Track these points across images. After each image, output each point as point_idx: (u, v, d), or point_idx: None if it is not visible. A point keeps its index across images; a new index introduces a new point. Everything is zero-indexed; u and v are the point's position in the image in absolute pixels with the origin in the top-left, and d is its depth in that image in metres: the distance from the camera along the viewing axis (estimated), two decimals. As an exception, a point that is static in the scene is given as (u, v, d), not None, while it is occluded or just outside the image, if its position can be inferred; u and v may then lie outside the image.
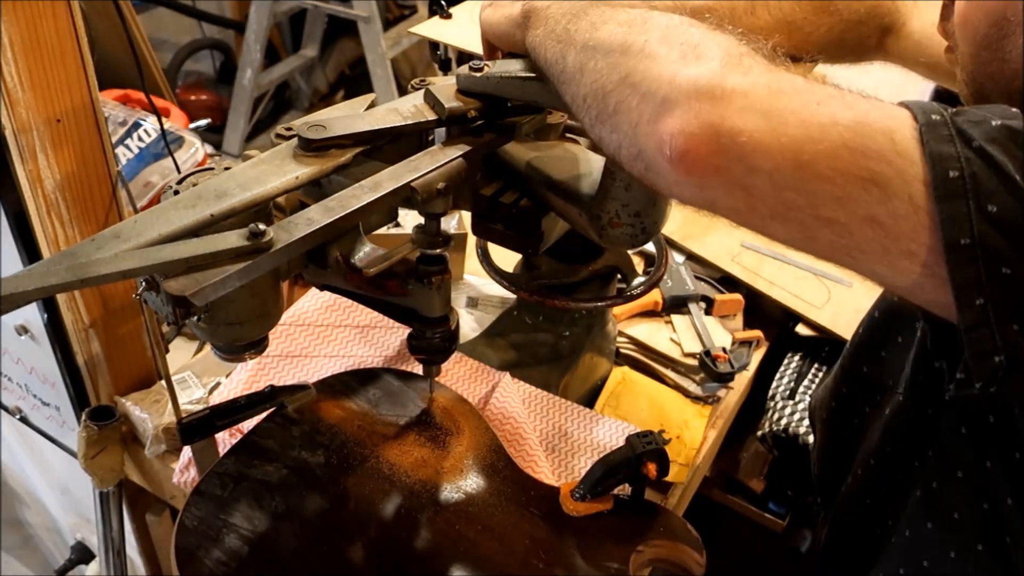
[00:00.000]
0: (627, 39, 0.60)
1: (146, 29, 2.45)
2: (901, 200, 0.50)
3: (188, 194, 0.69)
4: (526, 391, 1.08)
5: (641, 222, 0.82)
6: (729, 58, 0.55)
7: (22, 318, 1.08)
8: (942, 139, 0.51)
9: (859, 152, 0.50)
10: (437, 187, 0.74)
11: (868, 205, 0.51)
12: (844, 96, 0.54)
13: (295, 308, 1.12)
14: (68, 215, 0.96)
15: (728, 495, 1.42)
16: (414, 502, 0.85)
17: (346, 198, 0.72)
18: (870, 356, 0.87)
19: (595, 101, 0.62)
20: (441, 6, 1.99)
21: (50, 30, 0.86)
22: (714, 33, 0.59)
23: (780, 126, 0.52)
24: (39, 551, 1.80)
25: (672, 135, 0.54)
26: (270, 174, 0.73)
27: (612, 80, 0.60)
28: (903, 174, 0.50)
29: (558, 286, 1.07)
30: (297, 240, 0.68)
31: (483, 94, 0.81)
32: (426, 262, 0.79)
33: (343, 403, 0.95)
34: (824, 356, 1.33)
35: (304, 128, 0.76)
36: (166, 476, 1.10)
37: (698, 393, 1.20)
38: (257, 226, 0.65)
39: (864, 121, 0.51)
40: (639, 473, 0.85)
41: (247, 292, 0.72)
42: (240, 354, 0.77)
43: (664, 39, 0.58)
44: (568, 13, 0.70)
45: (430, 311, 0.82)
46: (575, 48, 0.66)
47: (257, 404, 0.90)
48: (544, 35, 0.72)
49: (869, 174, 0.50)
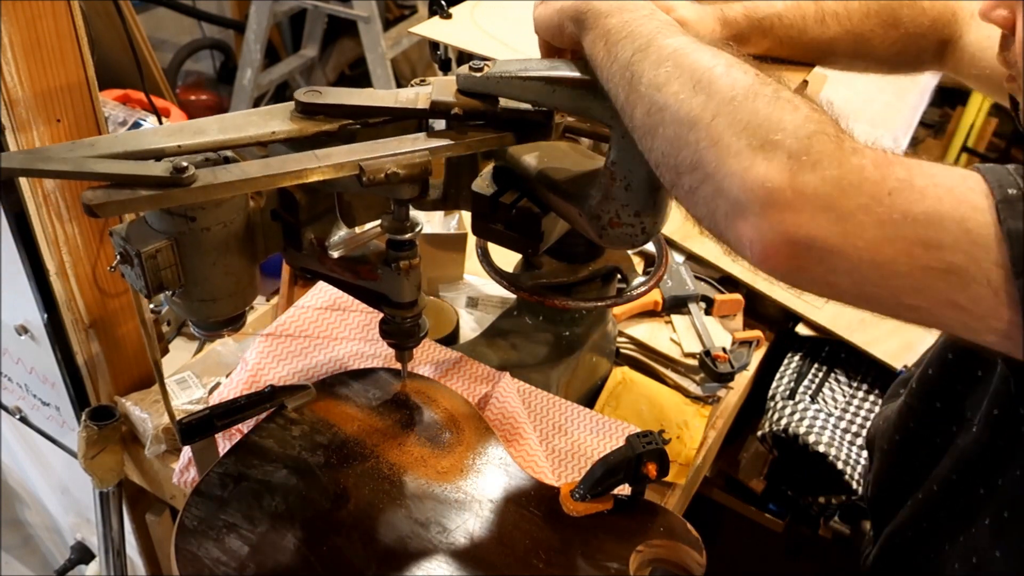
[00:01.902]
0: (692, 112, 0.60)
1: (146, 29, 2.45)
2: (980, 285, 0.52)
3: (173, 125, 0.72)
4: (526, 391, 1.08)
5: (641, 222, 0.82)
6: (798, 146, 0.55)
7: (22, 318, 1.08)
8: (1019, 216, 0.51)
9: (934, 246, 0.52)
10: (388, 171, 0.73)
11: (947, 292, 0.53)
12: (915, 178, 0.54)
13: (295, 308, 1.12)
14: (68, 215, 0.96)
15: (728, 495, 1.42)
16: (414, 502, 0.85)
17: (290, 160, 0.73)
18: (944, 392, 0.88)
19: (669, 174, 0.63)
20: (441, 6, 1.99)
21: (50, 30, 0.86)
22: (781, 107, 0.58)
23: (855, 228, 0.53)
24: (39, 551, 1.80)
25: (751, 240, 0.56)
26: (253, 125, 0.75)
27: (684, 160, 0.61)
28: (979, 262, 0.52)
29: (558, 286, 1.07)
30: (218, 185, 0.68)
31: (483, 94, 0.81)
32: (395, 247, 0.79)
33: (343, 403, 0.95)
34: (824, 356, 1.33)
35: (302, 92, 0.79)
36: (166, 476, 1.10)
37: (698, 393, 1.20)
38: (181, 162, 0.67)
39: (938, 211, 0.52)
40: (639, 473, 0.85)
41: (220, 270, 0.74)
42: (217, 331, 0.80)
43: (731, 120, 0.58)
44: (629, 36, 0.68)
45: (399, 296, 0.83)
46: (642, 102, 0.65)
47: (257, 404, 0.90)
48: (605, 56, 0.70)
49: (946, 265, 0.52)
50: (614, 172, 0.79)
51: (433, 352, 1.14)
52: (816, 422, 1.21)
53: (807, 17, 0.88)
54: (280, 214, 0.82)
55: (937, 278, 0.53)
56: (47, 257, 0.98)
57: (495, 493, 0.87)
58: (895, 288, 0.54)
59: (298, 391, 0.92)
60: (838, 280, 0.55)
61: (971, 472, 0.80)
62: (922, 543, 0.86)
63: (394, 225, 0.79)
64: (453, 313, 1.24)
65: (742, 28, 0.88)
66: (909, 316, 0.56)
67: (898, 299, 0.55)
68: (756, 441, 1.30)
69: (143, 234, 0.73)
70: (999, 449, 0.76)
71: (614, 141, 0.78)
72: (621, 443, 0.87)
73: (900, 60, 0.94)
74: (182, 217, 0.72)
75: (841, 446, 1.19)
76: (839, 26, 0.89)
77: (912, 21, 0.90)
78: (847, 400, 1.27)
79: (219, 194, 0.69)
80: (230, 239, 0.76)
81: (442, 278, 1.31)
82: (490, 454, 0.91)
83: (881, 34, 0.90)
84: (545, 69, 0.79)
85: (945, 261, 0.52)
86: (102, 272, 1.03)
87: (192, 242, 0.74)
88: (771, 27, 0.88)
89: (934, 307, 0.54)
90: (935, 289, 0.53)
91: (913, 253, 0.52)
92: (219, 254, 0.75)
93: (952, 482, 0.82)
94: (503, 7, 2.09)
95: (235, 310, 0.79)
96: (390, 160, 0.73)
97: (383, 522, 0.83)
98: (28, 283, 1.01)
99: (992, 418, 0.77)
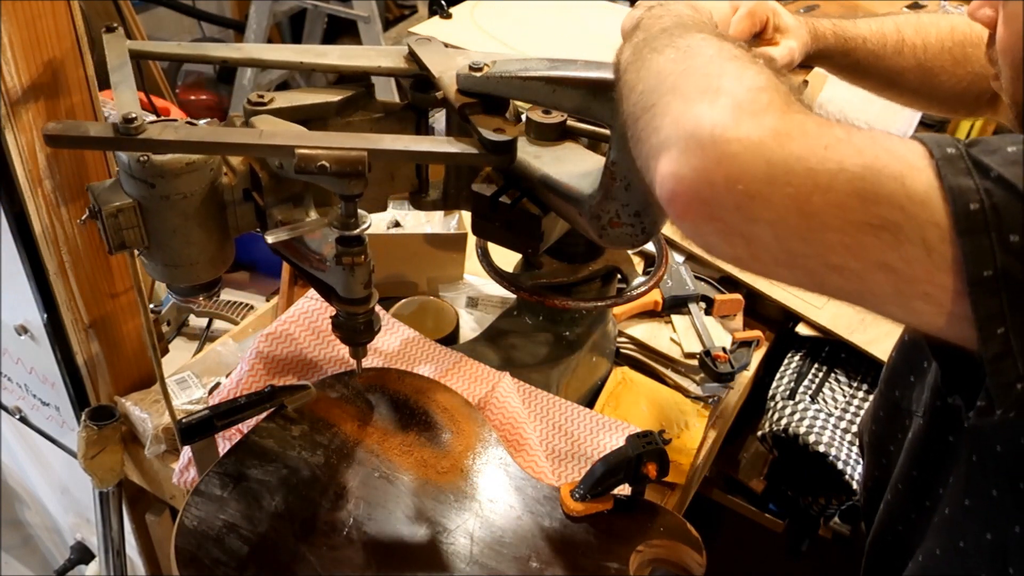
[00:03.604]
0: (669, 67, 0.59)
1: (146, 29, 2.45)
2: (914, 244, 0.49)
3: (299, 47, 0.90)
4: (526, 391, 1.08)
5: (641, 222, 0.82)
6: (747, 96, 0.53)
7: (22, 318, 1.08)
8: (959, 172, 0.49)
9: (869, 199, 0.49)
10: (319, 163, 0.73)
11: (879, 252, 0.50)
12: (854, 138, 0.51)
13: (295, 308, 1.12)
14: (68, 215, 0.96)
15: (728, 495, 1.41)
16: (414, 502, 0.85)
17: (235, 133, 0.77)
18: (902, 381, 0.88)
19: (631, 123, 0.61)
20: (441, 6, 1.99)
21: (50, 30, 0.86)
22: (746, 68, 0.56)
23: (784, 175, 0.50)
24: (39, 551, 1.80)
25: (662, 178, 0.53)
26: (366, 57, 0.93)
27: (642, 107, 0.59)
28: (915, 219, 0.49)
29: (558, 286, 1.07)
30: (158, 141, 0.73)
31: (483, 94, 0.81)
32: (344, 243, 0.79)
33: (343, 403, 0.95)
34: (824, 356, 1.33)
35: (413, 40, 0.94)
36: (166, 476, 1.10)
37: (698, 393, 1.20)
38: (132, 114, 0.72)
39: (873, 166, 0.50)
40: (639, 473, 0.85)
41: (180, 238, 0.78)
42: (189, 296, 0.85)
43: (695, 72, 0.57)
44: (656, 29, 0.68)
45: (346, 291, 0.83)
46: (637, 65, 0.64)
47: (257, 404, 0.90)
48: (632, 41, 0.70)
49: (880, 221, 0.49)
50: (614, 172, 0.79)
51: (433, 352, 1.14)
52: (816, 422, 1.21)
53: (888, 46, 0.91)
54: (250, 193, 0.83)
55: (869, 234, 0.49)
56: (47, 257, 0.98)
57: (495, 493, 0.87)
58: (822, 244, 0.50)
59: (298, 391, 0.92)
60: (758, 232, 0.51)
61: (928, 470, 0.79)
62: (898, 547, 0.85)
63: (340, 220, 0.78)
64: (453, 313, 1.24)
65: (829, 44, 0.92)
66: (833, 281, 0.52)
67: (825, 258, 0.51)
68: (756, 441, 1.30)
69: (112, 194, 0.78)
70: (949, 445, 0.75)
71: (614, 141, 0.78)
72: (621, 443, 0.87)
73: (961, 100, 0.96)
74: (144, 182, 0.76)
75: (841, 446, 1.19)
76: (914, 58, 0.91)
77: (979, 62, 0.89)
78: (847, 400, 1.27)
79: (157, 149, 0.74)
80: (190, 210, 0.78)
81: (442, 278, 1.31)
82: (490, 454, 0.91)
83: (950, 70, 0.92)
84: (545, 69, 0.79)
85: (879, 216, 0.49)
86: (102, 272, 1.03)
87: (153, 208, 0.77)
88: (854, 49, 0.92)
89: (863, 268, 0.50)
90: (867, 247, 0.50)
91: (846, 205, 0.49)
92: (179, 223, 0.79)
93: (914, 479, 0.82)
94: (503, 7, 2.09)
95: (197, 279, 0.82)
96: (321, 152, 0.73)
97: (383, 522, 0.83)
98: (28, 283, 1.01)
99: (935, 409, 0.76)
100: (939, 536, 0.74)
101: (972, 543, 0.70)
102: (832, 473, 1.19)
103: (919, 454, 0.80)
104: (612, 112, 0.73)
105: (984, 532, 0.68)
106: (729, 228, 0.52)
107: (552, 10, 2.08)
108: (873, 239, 0.49)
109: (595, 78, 0.76)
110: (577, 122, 0.93)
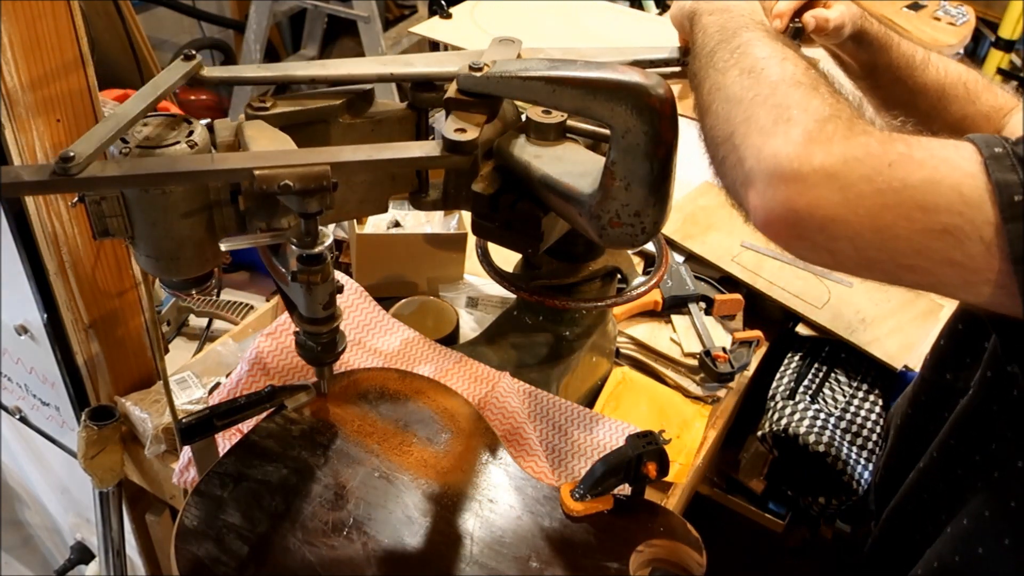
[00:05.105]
0: (739, 92, 0.68)
1: (146, 29, 2.45)
2: (973, 242, 0.56)
3: (388, 58, 0.85)
4: (526, 391, 1.08)
5: (641, 222, 0.82)
6: (816, 127, 0.60)
7: (22, 318, 1.08)
8: (1005, 168, 0.56)
9: (931, 209, 0.57)
10: (281, 183, 0.71)
11: (945, 251, 0.57)
12: (914, 151, 0.58)
13: (295, 308, 1.12)
14: (68, 215, 0.96)
15: (728, 495, 1.42)
16: (414, 502, 0.85)
17: (184, 161, 0.75)
18: (955, 363, 0.92)
19: (711, 147, 0.70)
20: (441, 6, 1.99)
21: (50, 30, 0.86)
22: (811, 97, 0.64)
23: (856, 198, 0.58)
24: (39, 551, 1.80)
25: (755, 208, 0.62)
26: (444, 64, 0.89)
27: (723, 133, 0.67)
28: (972, 221, 0.56)
29: (558, 286, 1.07)
30: (99, 178, 0.70)
31: (483, 94, 0.81)
32: (305, 261, 0.78)
33: (343, 403, 0.95)
34: (824, 356, 1.33)
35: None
36: (166, 476, 1.10)
37: (698, 393, 1.20)
38: (71, 152, 0.69)
39: (933, 179, 0.57)
40: (639, 473, 0.85)
41: (160, 232, 0.78)
42: (182, 290, 0.84)
43: (766, 99, 0.65)
44: (719, 32, 0.77)
45: (304, 309, 0.83)
46: (707, 82, 0.73)
47: (257, 404, 0.90)
48: (698, 48, 0.79)
49: (942, 226, 0.57)
50: (614, 172, 0.79)
51: (433, 352, 1.14)
52: (816, 422, 1.21)
53: (916, 56, 0.96)
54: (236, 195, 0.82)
55: (934, 239, 0.57)
56: (47, 257, 0.98)
57: (495, 493, 0.87)
58: (895, 251, 0.58)
59: (298, 391, 0.92)
60: (840, 247, 0.59)
61: (967, 438, 0.82)
62: (921, 516, 0.87)
63: (298, 237, 0.76)
64: (453, 313, 1.24)
65: (872, 28, 0.96)
66: (908, 278, 0.60)
67: (897, 261, 0.59)
68: (756, 441, 1.30)
69: None
70: (992, 414, 0.79)
71: (614, 141, 0.78)
72: (621, 443, 0.87)
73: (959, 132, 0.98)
74: None
75: (841, 446, 1.19)
76: (936, 76, 0.96)
77: (986, 103, 0.96)
78: (847, 400, 1.27)
79: (98, 188, 0.73)
80: (169, 207, 0.77)
81: (442, 278, 1.31)
82: (490, 454, 0.91)
83: (962, 99, 0.96)
84: (545, 69, 0.79)
85: (941, 223, 0.56)
86: (102, 272, 1.03)
87: (134, 200, 0.77)
88: (891, 46, 0.97)
89: (933, 266, 0.58)
90: (933, 249, 0.57)
91: (912, 217, 0.57)
92: (159, 216, 0.78)
93: (950, 447, 0.85)
94: (503, 7, 2.10)
95: (182, 273, 0.81)
96: (282, 171, 0.72)
97: (383, 522, 0.83)
98: (28, 283, 1.01)
99: (986, 381, 0.80)
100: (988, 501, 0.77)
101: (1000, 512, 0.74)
102: (832, 473, 1.19)
103: (961, 423, 0.84)
104: (612, 112, 0.73)
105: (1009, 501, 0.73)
106: (815, 245, 0.61)
107: (552, 10, 2.08)
108: (938, 242, 0.57)
109: (595, 78, 0.76)
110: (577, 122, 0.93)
